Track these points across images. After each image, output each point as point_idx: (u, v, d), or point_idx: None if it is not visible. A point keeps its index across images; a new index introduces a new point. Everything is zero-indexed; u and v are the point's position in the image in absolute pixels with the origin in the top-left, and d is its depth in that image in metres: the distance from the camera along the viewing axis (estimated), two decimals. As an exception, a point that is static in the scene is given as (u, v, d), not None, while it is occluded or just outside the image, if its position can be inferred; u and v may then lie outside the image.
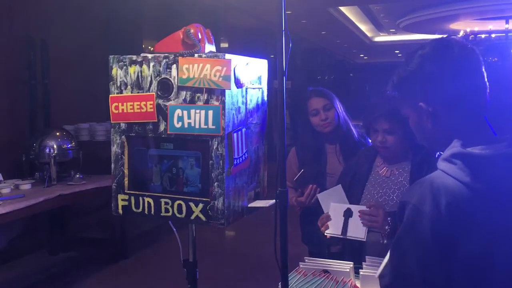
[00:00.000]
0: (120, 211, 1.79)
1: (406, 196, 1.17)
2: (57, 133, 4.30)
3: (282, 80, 1.39)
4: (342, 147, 2.59)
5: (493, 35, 11.07)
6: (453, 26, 12.14)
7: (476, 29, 11.36)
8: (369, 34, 15.05)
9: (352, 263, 1.57)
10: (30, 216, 3.73)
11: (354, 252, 1.93)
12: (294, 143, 2.81)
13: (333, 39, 14.92)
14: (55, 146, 4.14)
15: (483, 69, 1.19)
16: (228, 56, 1.60)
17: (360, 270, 1.54)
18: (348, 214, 1.88)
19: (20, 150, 4.24)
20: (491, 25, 11.28)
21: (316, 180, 2.47)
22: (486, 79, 1.19)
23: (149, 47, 6.38)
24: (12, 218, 3.39)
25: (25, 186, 3.88)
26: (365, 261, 1.63)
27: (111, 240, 4.78)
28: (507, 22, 10.84)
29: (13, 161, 4.28)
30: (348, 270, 1.52)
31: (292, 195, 2.53)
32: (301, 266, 1.58)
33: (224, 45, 9.59)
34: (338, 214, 1.88)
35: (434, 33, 13.53)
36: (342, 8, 10.61)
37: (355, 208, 1.87)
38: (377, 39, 16.17)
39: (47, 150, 4.11)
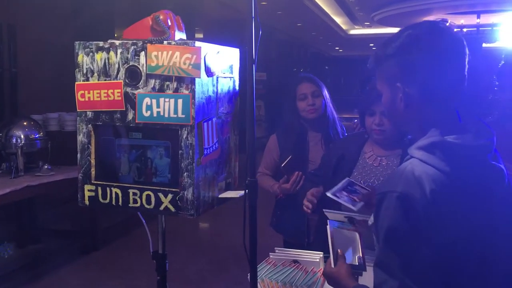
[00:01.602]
0: (87, 202, 1.74)
1: (386, 186, 1.14)
2: (25, 123, 4.17)
3: (251, 68, 1.37)
4: (326, 136, 2.60)
5: (464, 30, 11.26)
6: (426, 20, 12.30)
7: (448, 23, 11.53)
8: (344, 27, 15.14)
9: (322, 253, 1.57)
10: (-4, 207, 3.63)
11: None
12: (275, 130, 2.81)
13: (308, 31, 14.95)
14: (22, 136, 4.03)
15: (466, 62, 1.19)
16: (198, 43, 1.56)
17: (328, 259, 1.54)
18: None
19: (-14, 140, 4.11)
20: (463, 20, 11.48)
21: (299, 167, 2.44)
22: (466, 72, 1.19)
23: (121, 37, 6.23)
24: (-24, 209, 3.28)
25: (-9, 177, 3.76)
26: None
27: (81, 232, 4.70)
28: (478, 17, 11.05)
29: (-22, 151, 4.14)
30: (318, 260, 1.52)
31: (272, 182, 2.55)
32: (271, 256, 1.57)
33: (199, 35, 9.50)
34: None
35: (407, 27, 13.70)
36: (318, 0, 10.62)
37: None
38: (352, 32, 16.29)
39: (14, 140, 3.99)
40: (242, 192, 1.77)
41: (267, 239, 2.05)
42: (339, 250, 1.32)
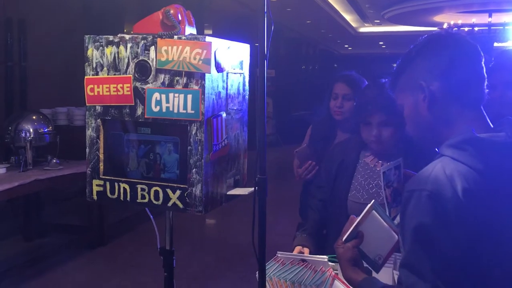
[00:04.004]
0: (95, 196, 1.73)
1: (414, 184, 1.11)
2: (34, 117, 4.19)
3: (263, 64, 1.35)
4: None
5: (476, 29, 11.16)
6: (437, 18, 12.21)
7: (459, 22, 11.43)
8: (354, 24, 15.05)
9: (327, 256, 1.54)
10: (5, 201, 3.64)
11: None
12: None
13: (318, 29, 14.88)
14: (31, 130, 4.04)
15: (483, 63, 1.20)
16: (208, 38, 1.55)
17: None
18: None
19: (-5, 134, 4.13)
20: (474, 19, 11.36)
21: (317, 158, 2.50)
22: (485, 72, 1.20)
23: (131, 32, 6.23)
24: (-15, 203, 3.30)
25: (0, 170, 3.77)
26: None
27: (88, 226, 4.71)
28: (490, 16, 10.93)
29: (-12, 144, 4.16)
30: (326, 259, 1.50)
31: (296, 163, 2.63)
32: (279, 255, 1.56)
33: (208, 31, 9.48)
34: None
35: (418, 25, 13.61)
36: (328, -3, 10.57)
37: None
38: (362, 29, 16.20)
39: (23, 134, 4.00)
40: (251, 189, 1.75)
41: (274, 237, 2.04)
42: (360, 231, 1.26)
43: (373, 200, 1.31)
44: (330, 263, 1.51)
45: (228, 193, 1.76)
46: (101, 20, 5.64)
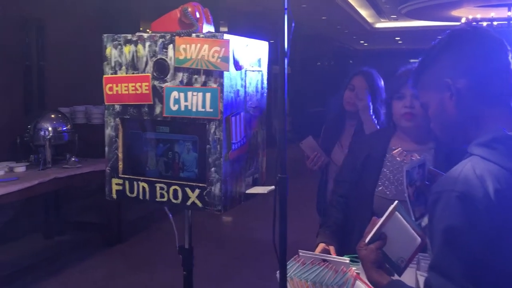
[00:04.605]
0: (114, 195, 1.74)
1: (442, 185, 1.08)
2: (52, 116, 4.23)
3: (283, 62, 1.33)
4: (358, 126, 2.61)
5: (495, 23, 10.96)
6: (455, 13, 12.01)
7: (478, 16, 11.24)
8: (370, 20, 14.89)
9: (348, 259, 1.51)
10: (25, 199, 3.68)
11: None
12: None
13: (333, 25, 14.77)
14: (50, 129, 4.08)
15: (510, 57, 1.17)
16: (227, 36, 1.53)
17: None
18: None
19: (15, 133, 4.18)
20: (493, 13, 11.16)
21: (326, 148, 2.64)
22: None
23: (147, 30, 6.28)
24: (5, 201, 3.34)
25: (20, 168, 3.82)
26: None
27: (107, 224, 4.74)
28: (509, 10, 10.72)
29: (8, 143, 4.22)
30: (348, 260, 1.48)
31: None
32: (300, 254, 1.54)
33: (224, 29, 9.48)
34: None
35: (436, 20, 13.42)
36: (343, -7, 10.48)
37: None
38: (378, 25, 16.02)
39: (42, 133, 4.05)
40: (270, 188, 1.74)
41: (291, 234, 2.01)
42: (384, 233, 1.23)
43: (396, 201, 1.28)
44: (351, 263, 1.49)
45: (247, 191, 1.75)
46: (118, 19, 5.67)
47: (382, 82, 2.62)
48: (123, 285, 3.89)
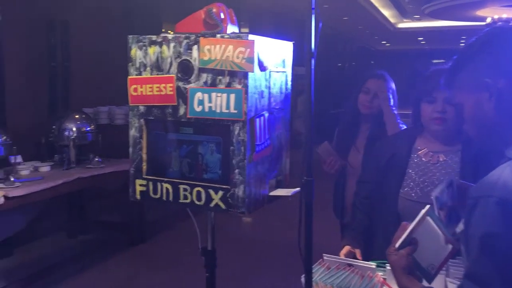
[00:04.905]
0: (138, 196, 1.74)
1: (479, 191, 1.04)
2: (77, 116, 4.28)
3: (310, 63, 1.31)
4: (372, 129, 2.60)
5: (521, 23, 10.71)
6: (480, 12, 11.79)
7: (504, 16, 11.01)
8: (392, 20, 14.73)
9: (375, 264, 1.48)
10: (49, 198, 3.73)
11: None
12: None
13: (355, 25, 14.65)
14: (74, 129, 4.13)
15: None
16: (251, 37, 1.52)
17: (386, 264, 1.46)
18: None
19: (40, 133, 4.24)
20: (520, 12, 10.92)
21: (342, 152, 2.63)
22: None
23: (169, 31, 6.32)
24: (30, 200, 3.38)
25: (44, 168, 3.88)
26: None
27: (129, 224, 4.78)
28: (537, 9, 10.47)
29: (33, 143, 4.28)
30: (374, 266, 1.44)
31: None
32: (324, 258, 1.51)
33: (245, 30, 9.48)
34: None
35: (460, 20, 13.19)
36: (366, -7, 10.37)
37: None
38: (401, 25, 15.84)
39: (67, 133, 4.10)
40: (293, 190, 1.72)
41: (314, 236, 1.99)
42: (414, 237, 1.20)
43: (427, 206, 1.24)
44: (378, 269, 1.46)
45: (271, 193, 1.73)
46: (141, 21, 5.72)
47: (394, 85, 2.62)
48: (145, 285, 3.91)
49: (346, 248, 1.81)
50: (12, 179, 3.29)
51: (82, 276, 3.99)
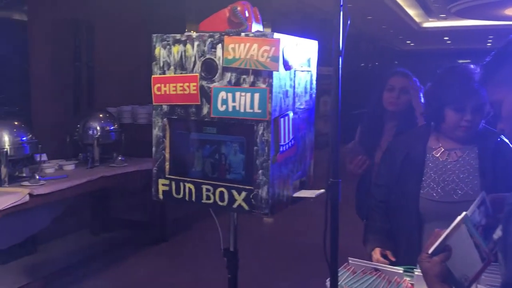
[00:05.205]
0: (161, 196, 1.73)
1: None
2: (100, 115, 4.32)
3: (338, 61, 1.28)
4: (399, 127, 2.58)
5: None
6: (508, 11, 11.51)
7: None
8: (417, 19, 14.51)
9: (402, 269, 1.44)
10: (73, 196, 3.77)
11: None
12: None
13: (379, 25, 14.48)
14: (98, 128, 4.17)
15: None
16: (277, 35, 1.49)
17: (414, 270, 1.42)
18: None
19: (65, 131, 4.30)
20: (550, 11, 10.62)
21: (367, 151, 2.61)
22: None
23: (192, 32, 6.33)
24: (55, 198, 3.42)
25: (69, 166, 3.92)
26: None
27: (151, 222, 4.81)
28: None
29: (58, 142, 4.34)
30: (401, 271, 1.40)
31: (346, 159, 2.69)
32: (350, 262, 1.48)
33: (267, 30, 9.44)
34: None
35: (487, 19, 12.90)
36: (390, -8, 10.23)
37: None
38: (426, 24, 15.58)
39: (91, 132, 4.14)
40: (318, 192, 1.69)
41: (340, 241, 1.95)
42: (449, 245, 1.15)
43: (464, 213, 1.19)
44: (405, 274, 1.41)
45: (294, 195, 1.70)
46: (165, 21, 5.74)
47: (418, 82, 2.61)
48: (166, 284, 3.92)
49: (378, 251, 1.78)
50: (37, 177, 3.33)
51: (104, 274, 4.03)
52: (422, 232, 1.83)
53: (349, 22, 1.26)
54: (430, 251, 1.15)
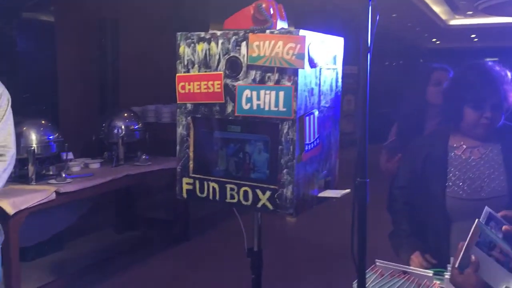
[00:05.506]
0: (185, 195, 1.72)
1: None
2: (125, 114, 4.36)
3: (366, 58, 1.24)
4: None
5: None
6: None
7: None
8: (443, 16, 14.23)
9: (432, 272, 1.40)
10: (99, 194, 3.82)
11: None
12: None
13: (404, 22, 14.26)
14: (123, 127, 4.21)
15: None
16: (302, 32, 1.47)
17: (445, 273, 1.37)
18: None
19: (91, 130, 4.35)
20: None
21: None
22: None
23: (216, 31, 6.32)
24: (81, 196, 3.47)
25: (94, 165, 3.97)
26: (449, 263, 1.46)
27: (174, 221, 4.83)
28: None
29: (84, 140, 4.40)
30: (431, 274, 1.36)
31: (384, 157, 2.69)
32: (377, 264, 1.44)
33: (290, 28, 9.40)
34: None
35: (517, 16, 12.56)
36: (416, -11, 10.06)
37: None
38: (452, 22, 15.26)
39: (115, 131, 4.18)
40: (344, 192, 1.66)
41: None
42: (473, 257, 1.12)
43: (476, 220, 1.14)
44: (435, 277, 1.37)
45: (319, 195, 1.67)
46: (189, 20, 5.77)
47: None
48: (188, 283, 3.93)
49: (417, 254, 1.77)
50: (63, 175, 3.38)
51: (127, 272, 4.06)
52: (450, 232, 1.81)
53: (378, 17, 1.22)
54: (456, 265, 1.11)
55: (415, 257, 1.78)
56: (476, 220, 1.16)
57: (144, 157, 4.17)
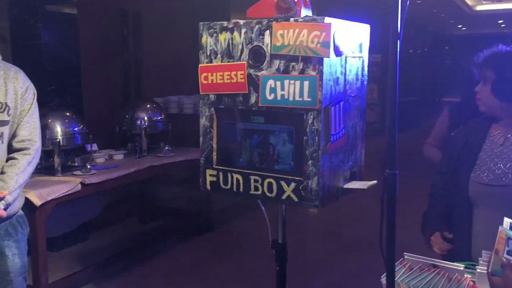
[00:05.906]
0: (208, 186, 1.71)
1: None
2: (148, 105, 4.38)
3: (395, 44, 1.20)
4: None
5: None
6: None
7: None
8: (470, 2, 13.88)
9: (463, 265, 1.36)
10: (123, 185, 3.85)
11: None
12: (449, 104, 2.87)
13: (429, 9, 13.94)
14: (146, 118, 4.23)
15: None
16: (327, 19, 1.43)
17: (476, 267, 1.33)
18: None
19: (114, 122, 4.39)
20: None
21: None
22: None
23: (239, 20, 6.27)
24: (106, 187, 3.50)
25: (118, 156, 4.00)
26: (480, 256, 1.42)
27: (197, 212, 4.85)
28: None
29: (108, 132, 4.44)
30: (462, 267, 1.31)
31: (436, 152, 2.62)
32: (406, 258, 1.40)
33: (315, 16, 9.27)
34: None
35: (547, 0, 12.15)
36: (441, -26, 9.81)
37: None
38: (479, 7, 14.87)
39: (139, 122, 4.20)
40: (370, 183, 1.62)
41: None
42: (503, 258, 1.08)
43: (500, 227, 1.10)
44: (467, 270, 1.33)
45: (345, 186, 1.64)
46: (211, 11, 5.74)
47: None
48: (211, 273, 3.94)
49: (439, 234, 1.75)
50: (88, 166, 3.41)
51: (150, 262, 4.10)
52: (472, 217, 1.80)
53: (408, 2, 1.17)
54: (490, 269, 1.07)
55: (434, 238, 1.80)
56: (500, 227, 1.12)
57: (167, 148, 4.19)
